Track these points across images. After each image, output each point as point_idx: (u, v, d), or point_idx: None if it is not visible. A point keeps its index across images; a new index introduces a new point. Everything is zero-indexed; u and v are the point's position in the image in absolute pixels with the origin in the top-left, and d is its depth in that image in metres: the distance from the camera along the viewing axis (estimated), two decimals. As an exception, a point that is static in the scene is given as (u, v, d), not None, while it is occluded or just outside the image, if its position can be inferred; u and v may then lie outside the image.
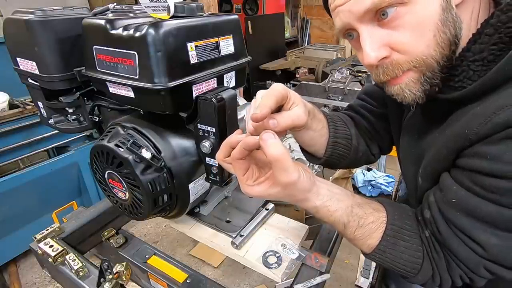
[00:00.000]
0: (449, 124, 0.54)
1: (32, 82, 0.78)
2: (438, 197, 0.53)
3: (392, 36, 0.49)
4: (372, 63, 0.51)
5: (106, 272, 0.72)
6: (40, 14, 0.69)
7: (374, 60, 0.50)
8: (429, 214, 0.54)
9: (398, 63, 0.51)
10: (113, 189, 0.72)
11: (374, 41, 0.50)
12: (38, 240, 0.81)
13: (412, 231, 0.56)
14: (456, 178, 0.50)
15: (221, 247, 0.81)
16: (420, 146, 0.63)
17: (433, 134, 0.59)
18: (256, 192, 0.54)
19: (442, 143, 0.53)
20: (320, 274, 0.73)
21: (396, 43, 0.50)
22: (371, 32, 0.50)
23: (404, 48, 0.49)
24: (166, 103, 0.63)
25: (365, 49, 0.51)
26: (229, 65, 0.74)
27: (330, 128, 0.77)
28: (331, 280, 1.89)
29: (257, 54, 3.77)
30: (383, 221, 0.57)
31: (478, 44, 0.48)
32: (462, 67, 0.50)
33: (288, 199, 0.55)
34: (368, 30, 0.50)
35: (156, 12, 0.63)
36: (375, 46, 0.50)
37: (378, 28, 0.50)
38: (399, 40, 0.49)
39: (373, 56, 0.50)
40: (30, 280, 1.99)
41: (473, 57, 0.48)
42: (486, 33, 0.46)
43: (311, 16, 5.86)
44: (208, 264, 2.08)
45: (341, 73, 2.30)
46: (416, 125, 0.67)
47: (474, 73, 0.48)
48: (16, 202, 1.78)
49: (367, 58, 0.51)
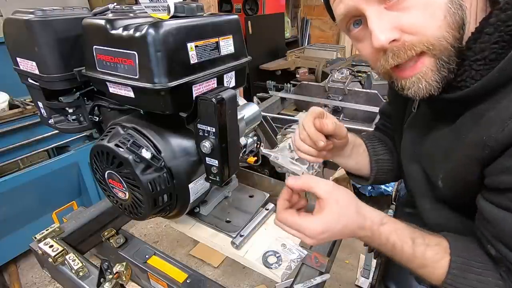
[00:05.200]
0: (461, 127, 0.53)
1: (32, 82, 0.78)
2: (491, 231, 0.50)
3: (401, 18, 0.47)
4: (382, 45, 0.48)
5: (106, 272, 0.72)
6: (40, 14, 0.69)
7: (385, 42, 0.47)
8: (494, 251, 0.50)
9: (411, 43, 0.48)
10: (113, 189, 0.72)
11: (383, 22, 0.47)
12: (38, 240, 0.81)
13: (483, 263, 0.51)
14: (494, 202, 0.48)
15: (221, 247, 0.81)
16: (426, 144, 0.63)
17: (441, 132, 0.59)
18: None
19: (461, 151, 0.52)
20: (320, 274, 0.73)
21: (407, 25, 0.47)
22: (379, 14, 0.48)
23: (415, 29, 0.47)
24: (166, 103, 0.63)
25: (374, 31, 0.48)
26: (229, 65, 0.74)
27: (369, 149, 0.83)
28: (331, 280, 1.89)
29: (257, 54, 3.77)
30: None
31: (479, 43, 0.47)
32: (464, 67, 0.49)
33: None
34: (376, 12, 0.48)
35: (156, 12, 0.63)
36: (385, 27, 0.47)
37: (386, 11, 0.48)
38: (409, 22, 0.47)
39: (383, 38, 0.47)
40: (30, 280, 1.99)
41: (475, 56, 0.48)
42: (486, 32, 0.46)
43: (311, 16, 5.85)
44: (208, 264, 2.08)
45: (341, 73, 2.30)
46: (420, 124, 0.66)
47: (476, 72, 0.48)
48: (16, 202, 1.78)
49: (377, 40, 0.48)
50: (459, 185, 0.55)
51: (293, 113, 2.14)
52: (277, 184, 1.03)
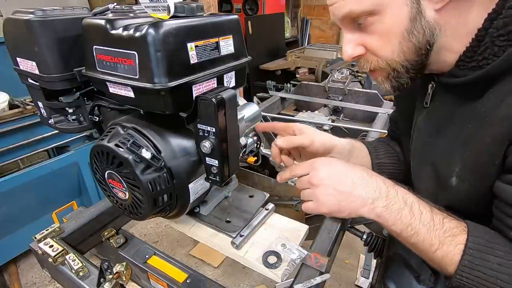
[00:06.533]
0: (484, 108, 0.52)
1: (32, 82, 0.78)
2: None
3: (366, 39, 0.58)
4: (346, 59, 0.62)
5: (106, 272, 0.72)
6: (40, 14, 0.69)
7: (348, 57, 0.60)
8: None
9: (368, 60, 0.61)
10: (113, 189, 0.72)
11: (350, 41, 0.60)
12: (38, 240, 0.81)
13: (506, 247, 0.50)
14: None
15: (221, 247, 0.81)
16: (440, 141, 0.63)
17: (460, 121, 0.58)
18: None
19: (484, 132, 0.51)
20: (320, 274, 0.72)
21: (368, 45, 0.59)
22: (350, 33, 0.59)
23: (373, 50, 0.58)
24: (166, 103, 0.63)
25: (343, 46, 0.61)
26: (229, 65, 0.74)
27: (371, 153, 0.86)
28: (331, 280, 1.89)
29: (257, 54, 3.77)
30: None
31: (500, 19, 0.48)
32: (485, 45, 0.50)
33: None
34: (348, 31, 0.60)
35: (156, 12, 0.63)
36: (350, 46, 0.60)
37: (356, 30, 0.58)
38: (370, 43, 0.58)
39: (347, 54, 0.60)
40: (30, 280, 1.99)
41: (498, 32, 0.48)
42: (509, 7, 0.47)
43: (311, 16, 5.86)
44: (208, 264, 2.08)
45: (341, 73, 2.30)
46: (434, 120, 0.67)
47: (499, 48, 0.49)
48: (16, 202, 1.78)
49: (344, 54, 0.61)
50: (478, 176, 0.54)
51: (293, 113, 2.14)
52: (277, 184, 1.03)
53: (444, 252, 0.52)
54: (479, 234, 0.51)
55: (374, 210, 0.57)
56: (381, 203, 0.57)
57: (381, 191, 0.58)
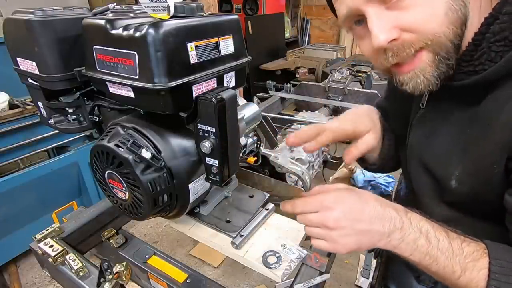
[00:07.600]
0: (485, 113, 0.51)
1: (32, 82, 0.78)
2: None
3: (401, 17, 0.48)
4: (381, 45, 0.49)
5: (106, 272, 0.72)
6: (40, 14, 0.69)
7: (383, 41, 0.49)
8: None
9: (410, 41, 0.49)
10: (113, 189, 0.72)
11: (382, 22, 0.49)
12: (38, 240, 0.81)
13: None
14: None
15: (221, 247, 0.81)
16: (435, 144, 0.62)
17: (458, 125, 0.57)
18: None
19: (486, 139, 0.50)
20: (320, 274, 0.73)
21: (407, 23, 0.48)
22: (379, 14, 0.49)
23: (415, 27, 0.48)
24: (166, 103, 0.63)
25: (373, 31, 0.49)
26: (229, 65, 0.74)
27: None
28: (331, 280, 1.89)
29: (257, 54, 3.77)
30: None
31: (497, 24, 0.47)
32: (482, 50, 0.49)
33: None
34: (376, 12, 0.49)
35: (156, 12, 0.63)
36: (384, 28, 0.48)
37: (386, 11, 0.49)
38: (409, 20, 0.48)
39: (382, 38, 0.48)
40: (30, 280, 1.99)
41: (494, 37, 0.47)
42: (505, 12, 0.46)
43: (311, 16, 5.86)
44: (208, 264, 2.08)
45: (341, 73, 2.30)
46: (429, 123, 0.65)
47: (496, 54, 0.48)
48: (16, 202, 1.78)
49: (376, 40, 0.49)
50: (479, 181, 0.53)
51: (293, 113, 2.14)
52: (277, 184, 1.03)
53: (467, 278, 0.50)
54: (501, 256, 0.49)
55: (390, 242, 0.55)
56: (397, 235, 0.54)
57: (395, 222, 0.55)
